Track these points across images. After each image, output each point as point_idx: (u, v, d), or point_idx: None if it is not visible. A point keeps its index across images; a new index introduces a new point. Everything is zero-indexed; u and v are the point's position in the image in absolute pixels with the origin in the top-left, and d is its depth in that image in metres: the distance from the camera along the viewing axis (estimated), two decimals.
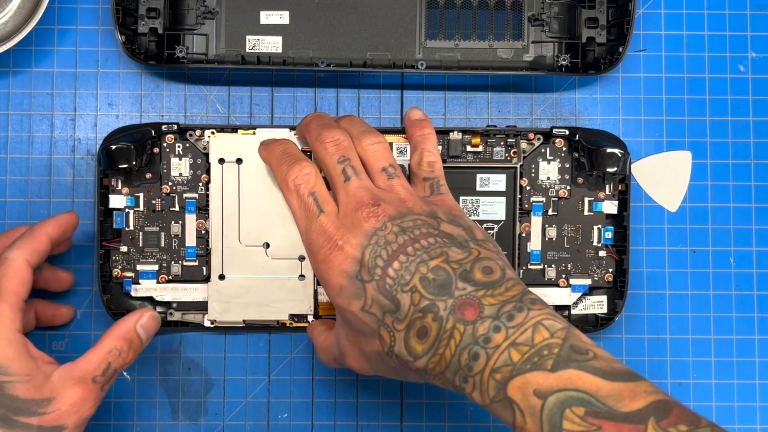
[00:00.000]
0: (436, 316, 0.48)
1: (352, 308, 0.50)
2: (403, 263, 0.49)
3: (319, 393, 0.65)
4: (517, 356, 0.46)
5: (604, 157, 0.62)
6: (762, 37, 0.67)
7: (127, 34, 0.64)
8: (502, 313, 0.47)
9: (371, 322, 0.50)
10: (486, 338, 0.46)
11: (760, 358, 0.66)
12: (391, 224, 0.51)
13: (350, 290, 0.50)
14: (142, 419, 0.65)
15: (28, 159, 0.66)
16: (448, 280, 0.48)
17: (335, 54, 0.65)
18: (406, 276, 0.49)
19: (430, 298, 0.48)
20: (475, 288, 0.48)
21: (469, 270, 0.49)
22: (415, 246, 0.50)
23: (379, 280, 0.49)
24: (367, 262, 0.50)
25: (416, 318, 0.48)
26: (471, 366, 0.46)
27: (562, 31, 0.65)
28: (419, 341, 0.48)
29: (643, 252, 0.66)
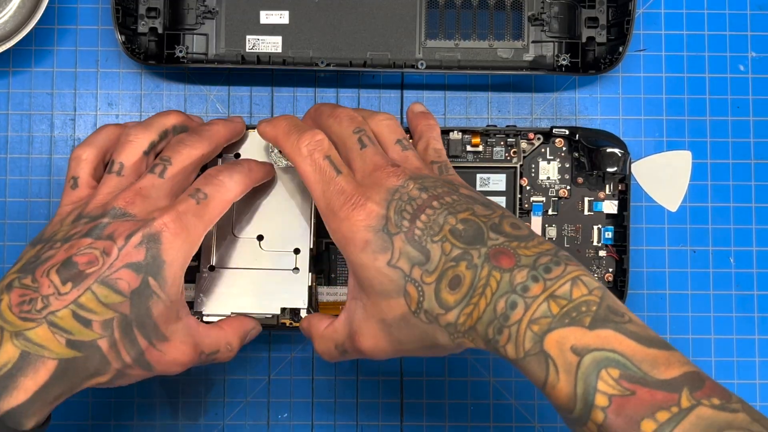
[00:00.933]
0: (470, 264, 0.46)
1: (378, 263, 0.48)
2: (430, 215, 0.48)
3: (319, 393, 0.65)
4: (556, 309, 0.44)
5: (604, 156, 0.62)
6: (762, 37, 0.67)
7: (127, 33, 0.64)
8: (539, 264, 0.46)
9: (397, 278, 0.48)
10: (524, 287, 0.45)
11: (760, 358, 0.66)
12: (413, 182, 0.49)
13: (377, 244, 0.48)
14: (142, 419, 0.65)
15: (28, 159, 0.66)
16: (479, 231, 0.47)
17: (335, 54, 0.65)
18: (434, 227, 0.47)
19: (462, 247, 0.47)
20: (507, 239, 0.47)
21: (498, 223, 0.48)
22: (441, 201, 0.48)
23: (407, 231, 0.48)
24: (393, 216, 0.48)
25: (448, 267, 0.46)
26: (507, 315, 0.45)
27: (562, 30, 0.65)
28: (451, 291, 0.46)
29: (643, 252, 0.66)
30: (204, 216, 0.51)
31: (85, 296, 0.47)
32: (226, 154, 0.61)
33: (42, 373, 0.46)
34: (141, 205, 0.51)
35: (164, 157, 0.53)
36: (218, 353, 0.54)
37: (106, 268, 0.48)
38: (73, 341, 0.47)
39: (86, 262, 0.48)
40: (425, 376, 0.65)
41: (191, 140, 0.55)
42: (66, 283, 0.47)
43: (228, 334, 0.55)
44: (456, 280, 0.46)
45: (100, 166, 0.55)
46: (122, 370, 0.49)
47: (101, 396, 0.64)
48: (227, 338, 0.55)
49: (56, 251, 0.49)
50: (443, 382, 0.65)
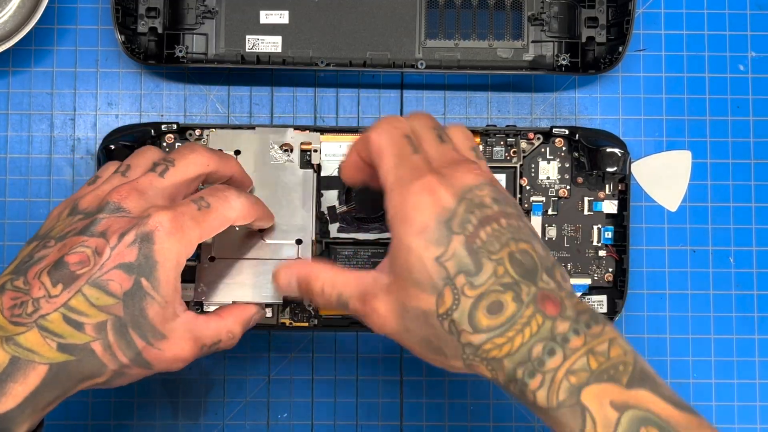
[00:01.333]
0: (516, 296, 0.45)
1: (427, 253, 0.46)
2: (495, 230, 0.46)
3: (319, 393, 0.65)
4: (595, 364, 0.44)
5: (604, 156, 0.62)
6: (762, 36, 0.67)
7: (127, 33, 0.64)
8: (581, 319, 0.45)
9: (438, 277, 0.46)
10: (565, 338, 0.45)
11: (760, 357, 0.66)
12: (489, 188, 0.48)
13: (434, 234, 0.46)
14: (142, 419, 0.65)
15: (28, 159, 0.66)
16: (534, 268, 0.46)
17: (335, 54, 0.65)
18: (496, 244, 0.46)
19: (515, 278, 0.46)
20: (557, 286, 0.46)
21: (551, 268, 0.47)
22: (509, 221, 0.47)
23: (469, 236, 0.46)
24: (461, 213, 0.46)
25: (494, 290, 0.45)
26: (543, 361, 0.44)
27: (561, 30, 0.65)
28: (488, 315, 0.45)
29: (643, 252, 0.66)
30: (202, 223, 0.50)
31: (75, 299, 0.46)
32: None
33: (32, 378, 0.46)
34: (136, 201, 0.49)
35: (168, 159, 0.52)
36: (220, 343, 0.53)
37: (98, 268, 0.47)
38: (65, 345, 0.46)
39: (77, 262, 0.47)
40: (425, 376, 0.65)
41: (201, 149, 0.53)
42: (56, 285, 0.46)
43: (228, 322, 0.53)
44: (497, 306, 0.45)
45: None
46: (119, 370, 0.48)
47: (101, 396, 0.64)
48: (228, 327, 0.53)
49: (49, 250, 0.48)
50: (443, 382, 0.65)
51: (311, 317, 0.64)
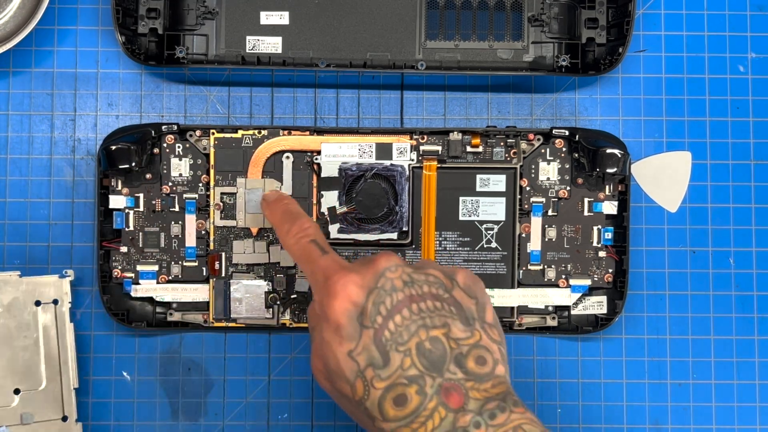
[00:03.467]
0: (420, 390, 0.47)
1: (341, 348, 0.48)
2: (405, 319, 0.48)
3: (319, 393, 0.65)
4: None
5: (604, 157, 0.62)
6: (762, 37, 0.67)
7: (127, 34, 0.64)
8: (485, 409, 0.47)
9: (350, 371, 0.48)
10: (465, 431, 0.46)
11: (760, 358, 0.66)
12: (402, 270, 0.50)
13: (347, 330, 0.48)
14: (142, 419, 0.65)
15: (28, 159, 0.66)
16: (442, 358, 0.48)
17: (335, 54, 0.65)
18: (404, 335, 0.48)
19: (420, 370, 0.47)
20: (465, 377, 0.48)
21: (464, 355, 0.48)
22: (420, 305, 0.49)
23: (378, 329, 0.48)
24: (369, 308, 0.49)
25: (400, 383, 0.47)
26: None
27: (561, 31, 0.65)
28: (394, 407, 0.47)
29: (643, 252, 0.66)
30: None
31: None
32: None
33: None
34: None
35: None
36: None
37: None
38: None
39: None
40: None
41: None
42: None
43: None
44: (402, 399, 0.47)
45: None
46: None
47: (101, 396, 0.64)
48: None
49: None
50: None
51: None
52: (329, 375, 0.50)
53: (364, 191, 0.64)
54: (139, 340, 0.65)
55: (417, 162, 0.64)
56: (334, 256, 0.52)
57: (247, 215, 0.63)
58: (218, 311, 0.63)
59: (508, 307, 0.64)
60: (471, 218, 0.64)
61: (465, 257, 0.64)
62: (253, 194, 0.63)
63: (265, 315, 0.64)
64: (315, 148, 0.63)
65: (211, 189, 0.63)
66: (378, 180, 0.64)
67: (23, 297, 0.62)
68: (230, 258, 0.64)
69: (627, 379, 0.66)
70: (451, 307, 0.49)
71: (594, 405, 0.65)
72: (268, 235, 0.64)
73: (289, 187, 0.64)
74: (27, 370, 0.62)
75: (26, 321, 0.62)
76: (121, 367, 0.65)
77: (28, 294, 0.62)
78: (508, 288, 0.64)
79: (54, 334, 0.62)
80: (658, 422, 0.65)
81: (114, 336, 0.65)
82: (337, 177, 0.63)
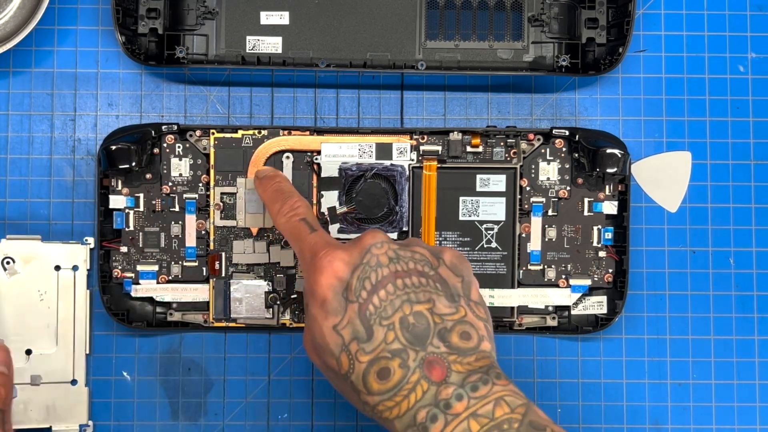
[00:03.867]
0: (403, 363, 0.47)
1: (327, 323, 0.49)
2: (389, 294, 0.49)
3: (319, 393, 0.65)
4: (476, 427, 0.46)
5: (604, 157, 0.62)
6: (762, 37, 0.67)
7: (127, 34, 0.64)
8: (468, 382, 0.47)
9: (335, 345, 0.49)
10: (447, 404, 0.47)
11: (760, 358, 0.66)
12: (388, 246, 0.51)
13: (332, 305, 0.49)
14: (142, 419, 0.65)
15: (28, 159, 0.66)
16: (426, 332, 0.48)
17: (335, 54, 0.65)
18: (388, 309, 0.49)
19: (403, 344, 0.48)
20: (448, 350, 0.48)
21: (449, 329, 0.49)
22: (405, 280, 0.49)
23: (362, 303, 0.49)
24: (354, 283, 0.49)
25: (383, 357, 0.48)
26: (426, 427, 0.47)
27: (561, 31, 0.65)
28: (378, 380, 0.48)
29: (643, 252, 0.66)
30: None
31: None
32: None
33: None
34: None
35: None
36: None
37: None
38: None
39: None
40: None
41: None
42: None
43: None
44: (385, 372, 0.48)
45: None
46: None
47: (101, 396, 0.64)
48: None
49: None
50: None
51: None
52: (317, 349, 0.50)
53: (364, 191, 0.64)
54: (139, 340, 0.65)
55: (417, 162, 0.64)
56: (323, 234, 0.53)
57: (247, 215, 0.63)
58: (218, 311, 0.64)
59: (508, 307, 0.64)
60: (471, 218, 0.64)
61: (465, 257, 0.64)
62: (253, 194, 0.63)
63: (265, 315, 0.64)
64: (315, 148, 0.63)
65: (211, 189, 0.63)
66: (378, 180, 0.64)
67: (43, 261, 0.63)
68: (230, 258, 0.64)
69: (627, 379, 0.66)
70: (436, 284, 0.50)
71: (594, 405, 0.65)
72: (268, 235, 0.64)
73: None
74: (40, 333, 0.63)
75: (44, 284, 0.63)
76: (121, 367, 0.65)
77: (48, 258, 0.63)
78: (508, 288, 0.64)
79: (71, 300, 0.63)
80: (658, 422, 0.65)
81: (114, 336, 0.65)
82: (337, 177, 0.63)
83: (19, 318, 0.63)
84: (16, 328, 0.63)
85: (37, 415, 0.62)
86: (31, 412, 0.62)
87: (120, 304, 0.64)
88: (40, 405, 0.62)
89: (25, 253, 0.63)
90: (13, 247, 0.63)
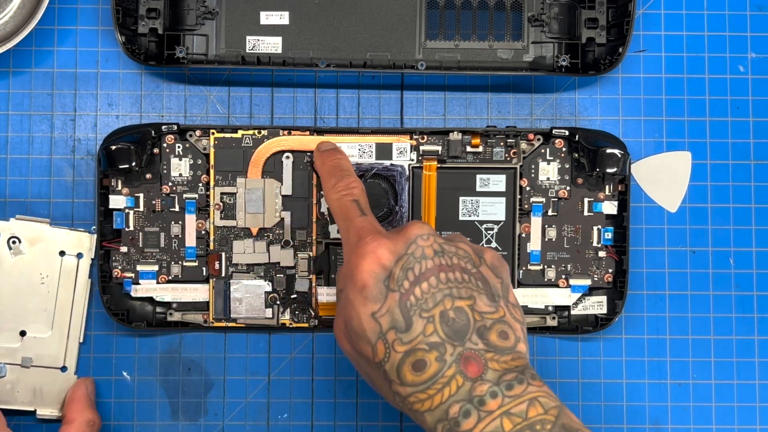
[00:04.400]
0: (440, 357, 0.47)
1: (365, 309, 0.49)
2: (432, 287, 0.49)
3: (319, 393, 0.65)
4: (509, 426, 0.46)
5: (604, 157, 0.62)
6: (762, 37, 0.67)
7: (127, 34, 0.64)
8: (503, 380, 0.47)
9: (372, 332, 0.49)
10: (481, 400, 0.47)
11: (760, 358, 0.66)
12: (434, 238, 0.50)
13: (373, 292, 0.49)
14: (142, 419, 0.65)
15: (28, 159, 0.66)
16: (465, 328, 0.48)
17: (335, 54, 0.65)
18: (429, 302, 0.48)
19: (442, 337, 0.48)
20: (486, 348, 0.48)
21: (488, 327, 0.49)
22: (449, 275, 0.49)
23: (404, 294, 0.49)
24: (397, 273, 0.49)
25: (420, 349, 0.48)
26: (459, 422, 0.47)
27: (561, 31, 0.65)
28: (413, 372, 0.48)
29: (643, 252, 0.66)
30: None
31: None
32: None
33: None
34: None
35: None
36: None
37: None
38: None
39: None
40: None
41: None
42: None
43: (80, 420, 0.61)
44: (421, 364, 0.48)
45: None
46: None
47: (101, 396, 0.64)
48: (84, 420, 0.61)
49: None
50: None
51: (311, 318, 0.64)
52: (350, 335, 0.50)
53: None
54: (139, 340, 0.65)
55: (417, 162, 0.64)
56: (372, 220, 0.53)
57: (247, 215, 0.63)
58: (218, 311, 0.64)
59: None
60: (471, 218, 0.64)
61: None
62: (253, 194, 0.63)
63: (265, 315, 0.64)
64: None
65: (211, 189, 0.63)
66: (378, 180, 0.64)
67: (49, 245, 0.63)
68: (230, 258, 0.64)
69: (627, 379, 0.66)
70: (477, 282, 0.50)
71: (594, 405, 0.65)
72: (268, 235, 0.64)
73: (289, 187, 0.64)
74: (37, 315, 0.63)
75: (47, 268, 0.63)
76: (121, 367, 0.65)
77: (54, 243, 0.63)
78: None
79: (71, 287, 0.63)
80: (658, 422, 0.65)
81: (114, 336, 0.65)
82: None
83: (18, 298, 0.63)
84: (14, 308, 0.63)
85: (24, 397, 0.63)
86: (18, 394, 0.63)
87: (120, 304, 0.64)
88: (27, 387, 0.63)
89: (32, 234, 0.63)
90: (20, 227, 0.63)
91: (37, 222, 0.63)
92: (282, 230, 0.64)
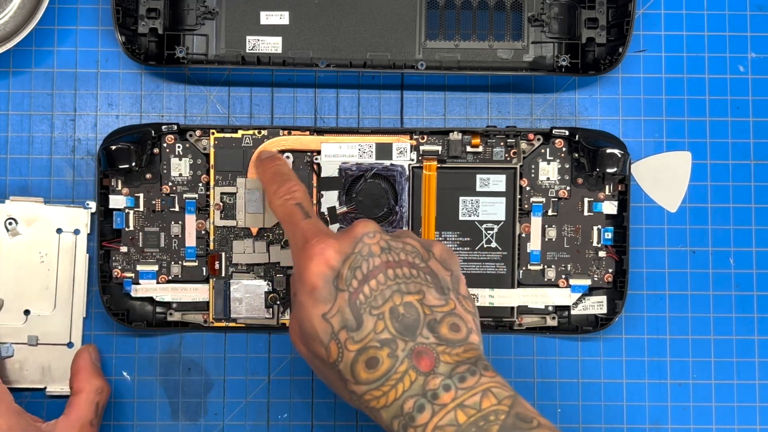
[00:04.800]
0: (392, 353, 0.48)
1: (315, 311, 0.49)
2: (380, 284, 0.49)
3: (319, 393, 0.65)
4: (463, 418, 0.46)
5: (604, 157, 0.62)
6: (762, 37, 0.67)
7: (127, 34, 0.64)
8: (456, 373, 0.47)
9: (324, 333, 0.49)
10: (434, 394, 0.47)
11: (760, 358, 0.66)
12: (380, 235, 0.51)
13: (322, 293, 0.49)
14: (142, 419, 0.65)
15: (28, 159, 0.66)
16: (416, 323, 0.48)
17: (335, 54, 0.65)
18: (379, 299, 0.49)
19: (392, 333, 0.48)
20: (437, 341, 0.48)
21: (438, 321, 0.49)
22: (396, 271, 0.49)
23: (353, 292, 0.49)
24: (345, 272, 0.49)
25: (372, 346, 0.48)
26: (413, 417, 0.47)
27: (561, 31, 0.65)
28: (366, 369, 0.48)
29: (643, 252, 0.66)
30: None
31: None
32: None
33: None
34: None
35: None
36: (100, 402, 0.61)
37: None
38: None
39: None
40: None
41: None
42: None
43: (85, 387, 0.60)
44: (374, 362, 0.48)
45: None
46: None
47: None
48: (89, 389, 0.60)
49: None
50: None
51: None
52: (304, 337, 0.50)
53: (364, 191, 0.64)
54: (139, 340, 0.65)
55: (417, 162, 0.64)
56: (316, 221, 0.53)
57: (247, 215, 0.63)
58: (218, 311, 0.64)
59: (508, 307, 0.64)
60: (471, 218, 0.64)
61: (465, 257, 0.64)
62: (253, 194, 0.63)
63: (265, 315, 0.64)
64: (315, 148, 0.63)
65: (211, 189, 0.63)
66: (378, 180, 0.64)
67: (45, 223, 0.63)
68: (230, 258, 0.64)
69: (627, 379, 0.66)
70: (426, 276, 0.50)
71: (594, 405, 0.65)
72: (268, 235, 0.64)
73: None
74: (40, 294, 0.63)
75: (46, 246, 0.64)
76: (121, 367, 0.65)
77: (50, 221, 0.64)
78: (508, 288, 0.64)
79: (71, 263, 0.64)
80: (658, 422, 0.65)
81: (114, 336, 0.65)
82: (337, 177, 0.63)
83: (19, 278, 0.63)
84: (16, 289, 0.63)
85: (33, 376, 0.63)
86: (27, 372, 0.63)
87: (120, 304, 0.64)
88: (35, 365, 0.63)
89: (28, 214, 0.63)
90: (16, 208, 0.63)
91: (31, 201, 0.64)
92: (282, 230, 0.63)
